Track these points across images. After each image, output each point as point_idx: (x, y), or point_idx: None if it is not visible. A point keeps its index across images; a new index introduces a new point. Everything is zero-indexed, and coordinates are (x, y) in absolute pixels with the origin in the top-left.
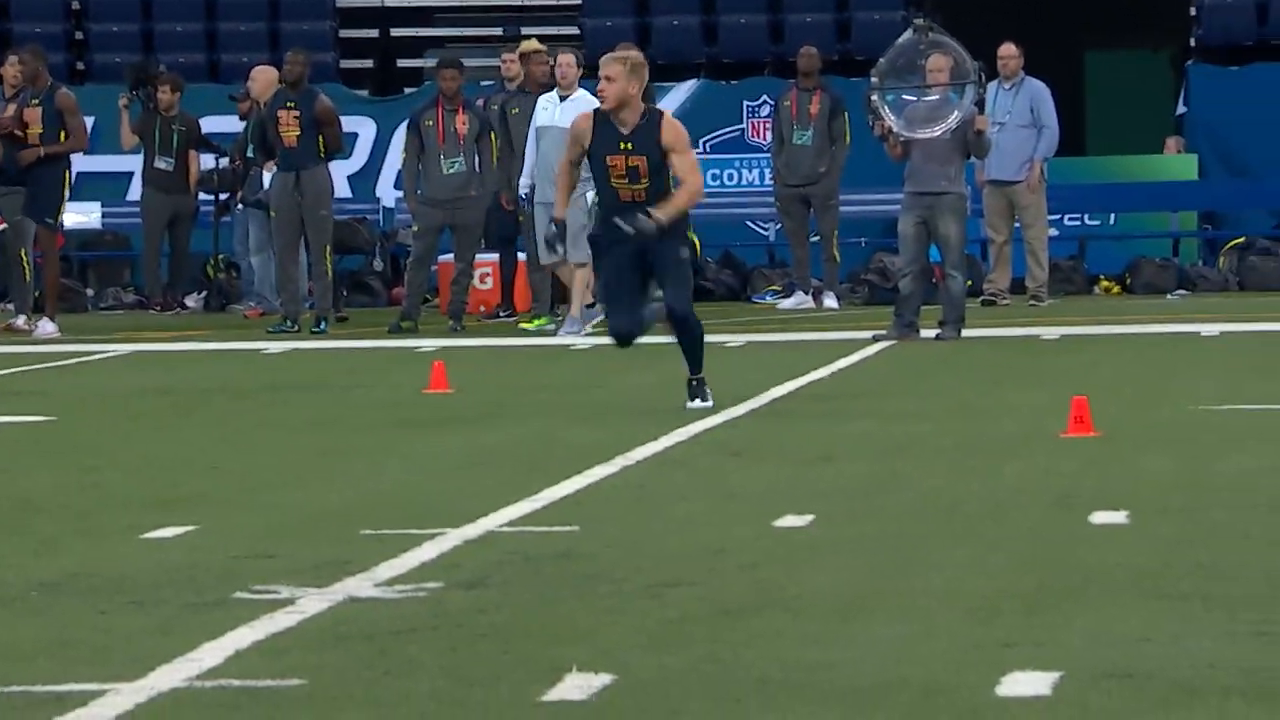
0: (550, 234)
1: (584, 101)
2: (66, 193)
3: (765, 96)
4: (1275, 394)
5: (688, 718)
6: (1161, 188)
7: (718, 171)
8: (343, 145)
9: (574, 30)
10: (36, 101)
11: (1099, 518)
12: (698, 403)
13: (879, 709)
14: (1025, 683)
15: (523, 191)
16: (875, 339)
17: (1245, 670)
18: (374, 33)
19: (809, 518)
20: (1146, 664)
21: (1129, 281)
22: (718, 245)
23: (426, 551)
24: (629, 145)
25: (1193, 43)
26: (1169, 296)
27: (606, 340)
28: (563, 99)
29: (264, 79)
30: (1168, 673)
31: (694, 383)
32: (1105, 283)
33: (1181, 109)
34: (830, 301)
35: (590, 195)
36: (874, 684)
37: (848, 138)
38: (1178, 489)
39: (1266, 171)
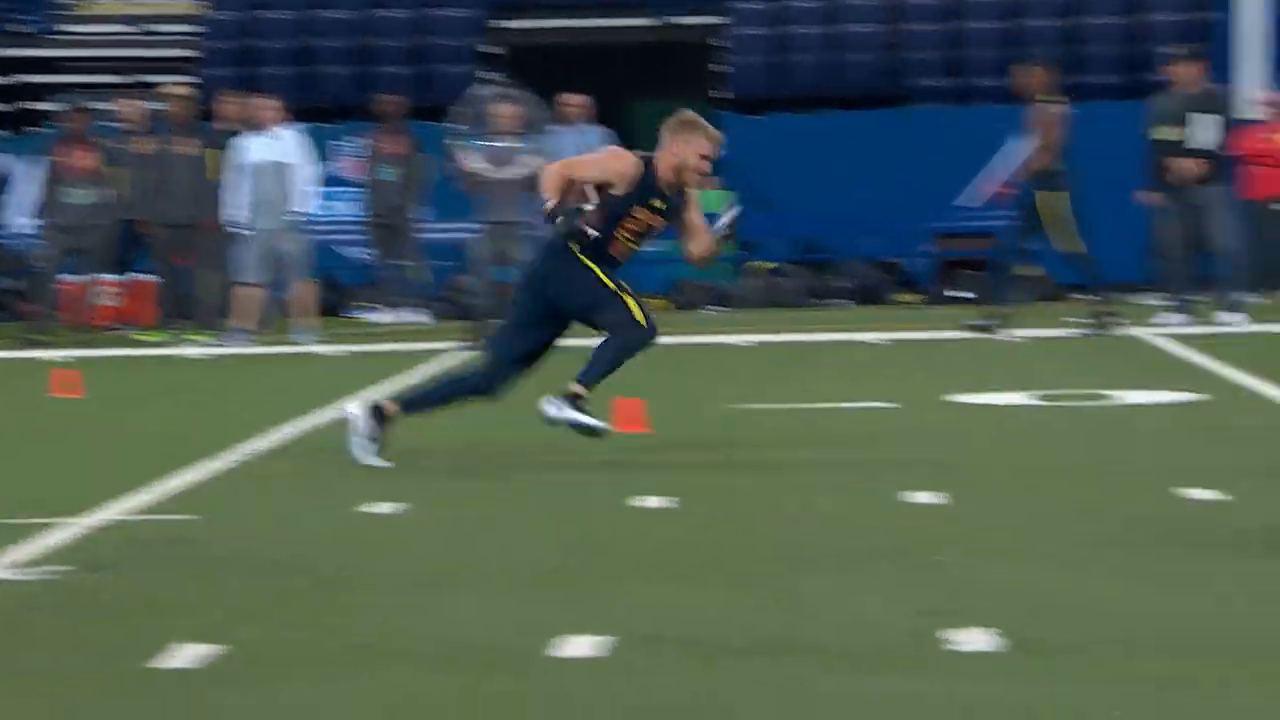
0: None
1: (288, 136)
2: None
3: (357, 138)
4: (792, 395)
5: (293, 682)
6: (702, 219)
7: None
8: None
9: (196, 80)
10: None
11: (649, 502)
12: (570, 413)
13: (454, 668)
14: (575, 645)
15: (241, 218)
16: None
17: (766, 635)
18: (6, 80)
19: (403, 505)
20: (678, 631)
21: (675, 301)
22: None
23: (56, 537)
24: (664, 206)
25: (724, 96)
26: (706, 309)
27: (221, 351)
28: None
29: None
30: (699, 638)
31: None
32: (655, 301)
33: None
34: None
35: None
36: (450, 646)
37: (425, 174)
38: (715, 474)
39: (788, 205)
